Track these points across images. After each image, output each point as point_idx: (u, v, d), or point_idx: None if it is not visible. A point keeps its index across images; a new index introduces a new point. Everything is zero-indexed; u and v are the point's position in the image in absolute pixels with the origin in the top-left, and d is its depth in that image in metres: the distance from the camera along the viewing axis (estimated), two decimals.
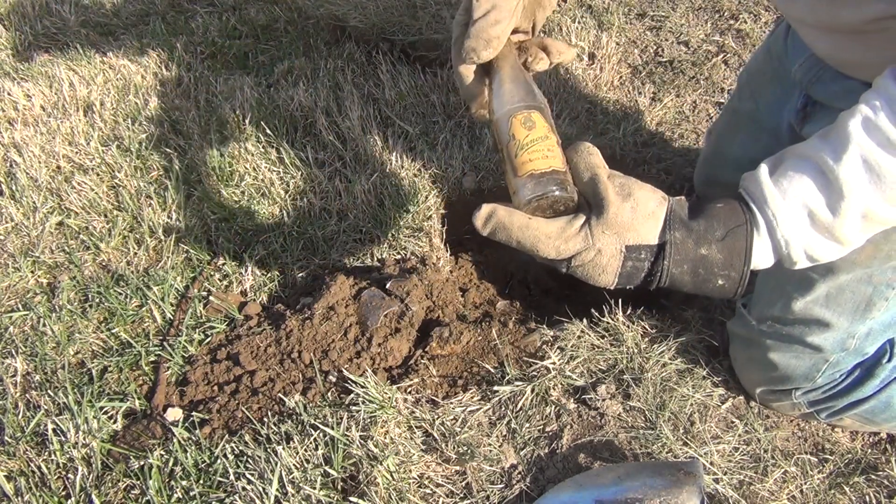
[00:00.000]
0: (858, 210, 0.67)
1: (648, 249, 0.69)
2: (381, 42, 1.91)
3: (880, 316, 0.97)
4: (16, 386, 1.17)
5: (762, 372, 1.09)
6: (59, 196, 1.53)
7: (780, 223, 0.69)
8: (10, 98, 1.79)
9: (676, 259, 0.69)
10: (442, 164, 1.58)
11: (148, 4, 2.22)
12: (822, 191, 0.68)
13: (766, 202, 0.70)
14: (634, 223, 0.68)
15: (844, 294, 0.96)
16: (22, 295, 1.34)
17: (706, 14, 2.04)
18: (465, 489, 1.03)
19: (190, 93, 1.79)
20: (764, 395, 1.12)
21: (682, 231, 0.69)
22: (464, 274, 1.55)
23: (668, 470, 0.95)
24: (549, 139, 0.74)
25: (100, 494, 1.02)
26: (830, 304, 0.98)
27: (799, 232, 0.69)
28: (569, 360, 1.17)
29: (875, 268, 0.93)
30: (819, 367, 1.03)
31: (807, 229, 0.69)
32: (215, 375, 1.17)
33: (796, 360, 1.04)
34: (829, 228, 0.68)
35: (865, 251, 0.91)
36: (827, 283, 0.96)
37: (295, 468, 1.01)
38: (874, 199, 0.66)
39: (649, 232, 0.69)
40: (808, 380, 1.04)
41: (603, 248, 0.69)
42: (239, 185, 1.55)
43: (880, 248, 0.91)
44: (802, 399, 1.08)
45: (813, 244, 0.69)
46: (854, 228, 0.68)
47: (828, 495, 1.03)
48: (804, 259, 0.71)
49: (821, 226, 0.68)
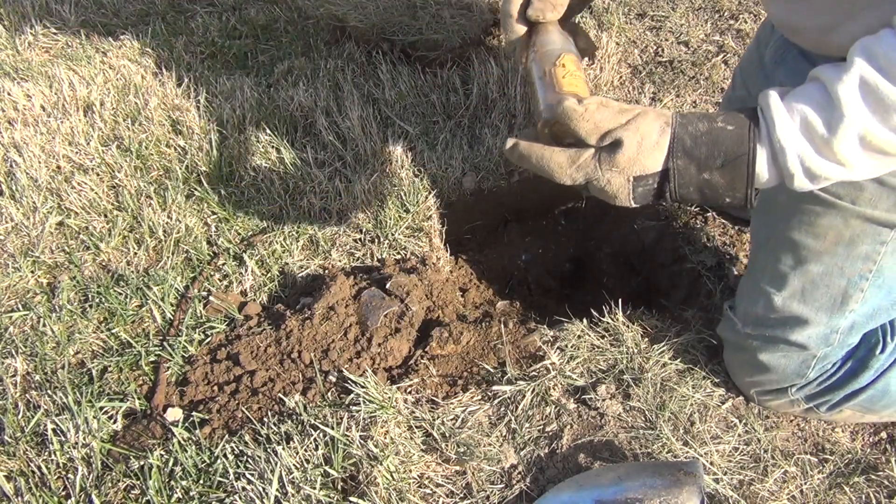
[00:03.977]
0: (855, 130, 0.67)
1: (653, 177, 0.74)
2: (381, 42, 1.91)
3: (860, 308, 0.98)
4: (16, 386, 1.17)
5: (754, 374, 1.10)
6: (59, 196, 1.53)
7: (777, 127, 0.70)
8: (10, 98, 1.79)
9: (681, 183, 0.74)
10: (442, 164, 1.58)
11: (148, 4, 2.22)
12: (823, 107, 0.69)
13: (768, 107, 0.71)
14: (640, 157, 0.73)
15: (819, 289, 0.97)
16: (22, 295, 1.34)
17: (706, 14, 2.04)
18: (465, 489, 1.03)
19: (190, 93, 1.79)
20: (760, 395, 1.13)
21: (683, 159, 0.73)
22: (464, 274, 1.55)
23: (668, 470, 0.95)
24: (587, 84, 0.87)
25: (100, 494, 1.02)
26: (807, 300, 0.99)
27: (794, 139, 0.70)
28: (569, 360, 1.17)
29: (841, 256, 0.94)
30: (808, 363, 1.04)
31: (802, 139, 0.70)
32: (215, 375, 1.17)
33: (785, 359, 1.05)
34: (828, 144, 0.69)
35: (829, 237, 0.93)
36: (799, 276, 0.98)
37: (295, 468, 1.01)
38: (872, 121, 0.66)
39: (654, 162, 0.74)
40: (799, 376, 1.05)
41: (611, 179, 0.75)
42: (239, 185, 1.55)
43: (842, 234, 0.92)
44: (799, 395, 1.08)
45: (809, 155, 0.70)
46: (852, 149, 0.69)
47: (828, 495, 1.03)
48: (801, 171, 0.71)
49: (819, 141, 0.69)
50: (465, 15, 1.89)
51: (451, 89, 1.79)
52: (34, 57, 2.01)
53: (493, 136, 1.63)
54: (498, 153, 1.59)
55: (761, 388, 1.11)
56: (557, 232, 1.77)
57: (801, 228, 0.95)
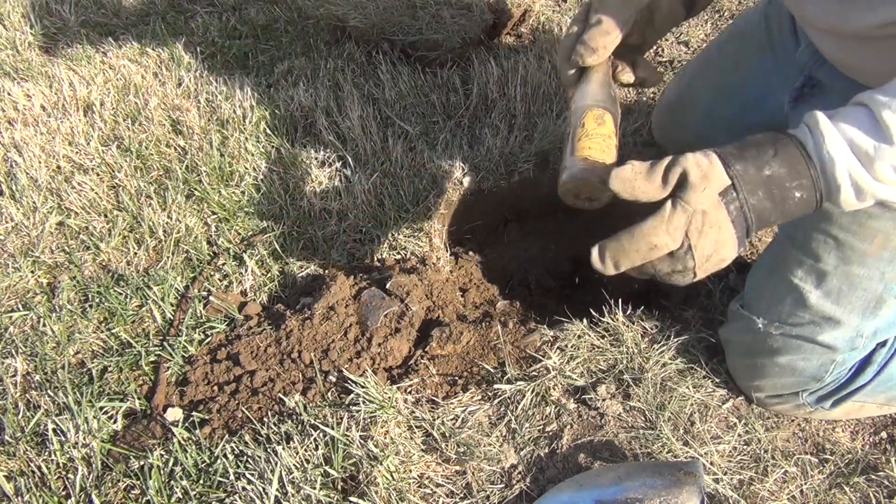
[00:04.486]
0: None
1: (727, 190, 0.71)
2: (381, 42, 1.91)
3: (887, 314, 0.98)
4: (16, 386, 1.17)
5: (767, 378, 1.08)
6: (59, 196, 1.53)
7: (826, 140, 0.69)
8: (10, 98, 1.79)
9: (748, 188, 0.70)
10: (442, 164, 1.58)
11: (148, 4, 2.22)
12: (870, 129, 0.68)
13: (816, 124, 0.70)
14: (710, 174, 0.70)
15: (856, 291, 0.96)
16: (22, 295, 1.34)
17: (706, 14, 2.04)
18: (465, 489, 1.03)
19: (190, 93, 1.79)
20: (768, 399, 1.11)
21: (740, 163, 0.71)
22: (464, 274, 1.55)
23: (668, 470, 0.95)
24: (611, 140, 0.84)
25: (100, 494, 1.02)
26: (842, 301, 0.97)
27: (843, 153, 0.69)
28: (569, 360, 1.17)
29: (885, 261, 0.93)
30: (827, 366, 1.02)
31: (850, 154, 0.69)
32: (215, 375, 1.17)
33: (804, 361, 1.03)
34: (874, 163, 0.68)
35: (876, 240, 0.91)
36: (839, 276, 0.96)
37: (295, 468, 1.01)
38: None
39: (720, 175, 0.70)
40: (816, 380, 1.04)
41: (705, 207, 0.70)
42: (239, 185, 1.55)
43: (890, 239, 0.91)
44: (809, 398, 1.08)
45: (857, 170, 0.69)
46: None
47: (828, 495, 1.03)
48: (848, 184, 0.69)
49: (866, 159, 0.68)
50: (465, 15, 1.89)
51: (451, 89, 1.79)
52: (34, 57, 2.01)
53: (493, 136, 1.63)
54: (499, 158, 1.59)
55: (772, 393, 1.09)
56: (557, 232, 1.77)
57: (851, 228, 0.93)
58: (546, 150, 1.63)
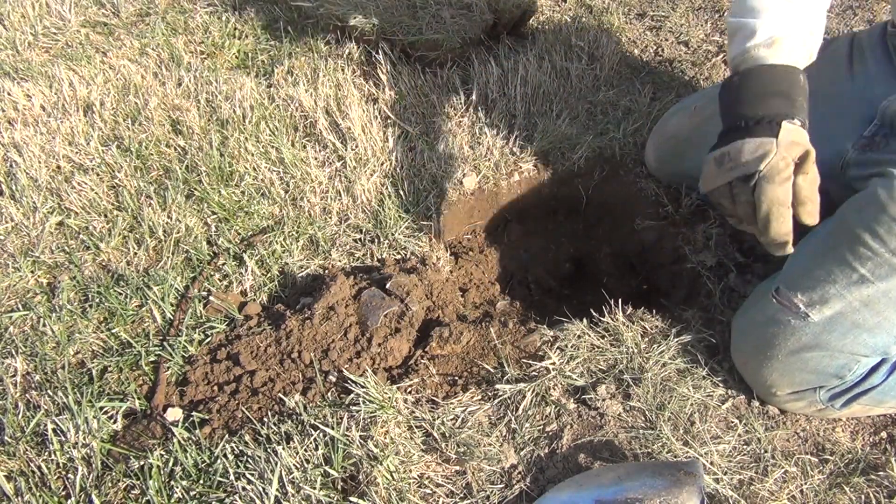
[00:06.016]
0: None
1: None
2: (381, 42, 1.91)
3: None
4: (16, 386, 1.17)
5: (788, 374, 1.06)
6: (59, 196, 1.53)
7: None
8: (10, 98, 1.79)
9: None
10: (442, 164, 1.58)
11: (148, 4, 2.22)
12: None
13: None
14: None
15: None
16: (22, 295, 1.34)
17: (706, 14, 2.04)
18: (465, 489, 1.03)
19: (190, 93, 1.79)
20: (784, 395, 1.10)
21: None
22: (464, 274, 1.55)
23: (668, 470, 0.95)
24: None
25: (100, 494, 1.02)
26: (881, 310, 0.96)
27: None
28: (569, 360, 1.17)
29: None
30: (851, 366, 1.02)
31: None
32: (215, 375, 1.17)
33: (829, 358, 1.02)
34: None
35: None
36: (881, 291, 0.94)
37: (295, 468, 1.01)
38: None
39: None
40: (838, 378, 1.04)
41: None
42: (239, 185, 1.55)
43: None
44: (825, 395, 1.07)
45: None
46: None
47: (828, 495, 1.03)
48: None
49: None
50: (465, 15, 1.89)
51: (451, 89, 1.79)
52: (34, 57, 2.01)
53: (493, 136, 1.63)
54: (499, 158, 1.59)
55: (790, 389, 1.08)
56: (557, 232, 1.77)
57: None
58: (546, 150, 1.63)
